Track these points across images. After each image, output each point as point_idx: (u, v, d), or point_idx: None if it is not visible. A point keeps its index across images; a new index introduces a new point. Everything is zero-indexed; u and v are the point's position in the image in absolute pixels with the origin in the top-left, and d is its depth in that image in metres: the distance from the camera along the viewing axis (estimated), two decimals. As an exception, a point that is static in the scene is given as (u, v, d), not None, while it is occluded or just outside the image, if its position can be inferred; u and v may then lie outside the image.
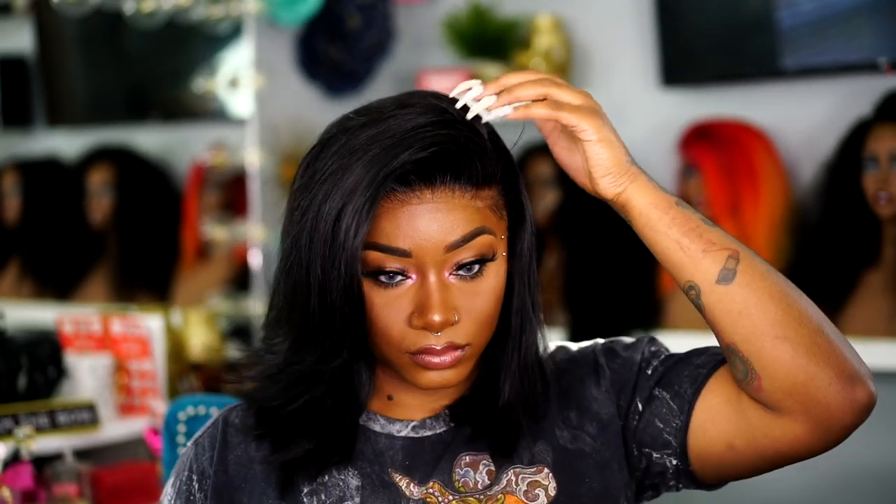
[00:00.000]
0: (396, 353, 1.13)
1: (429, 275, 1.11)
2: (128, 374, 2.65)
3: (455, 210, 1.11)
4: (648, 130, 2.93)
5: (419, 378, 1.14)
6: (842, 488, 2.64)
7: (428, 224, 1.10)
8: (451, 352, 1.12)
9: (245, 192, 3.10)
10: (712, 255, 1.14)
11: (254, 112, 3.05)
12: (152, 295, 3.37)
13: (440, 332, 1.11)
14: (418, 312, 1.11)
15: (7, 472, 2.19)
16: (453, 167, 1.11)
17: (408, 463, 1.18)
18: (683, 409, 1.18)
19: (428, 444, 1.19)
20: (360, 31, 3.21)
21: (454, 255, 1.11)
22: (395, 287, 1.11)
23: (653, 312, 2.84)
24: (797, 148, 2.74)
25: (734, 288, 1.15)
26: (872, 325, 2.55)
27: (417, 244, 1.10)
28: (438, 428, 1.20)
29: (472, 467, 1.18)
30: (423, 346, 1.11)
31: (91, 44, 3.69)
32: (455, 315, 1.11)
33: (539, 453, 1.20)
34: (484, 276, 1.13)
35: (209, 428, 1.23)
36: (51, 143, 3.76)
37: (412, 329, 1.11)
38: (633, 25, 2.95)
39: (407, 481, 1.17)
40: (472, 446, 1.19)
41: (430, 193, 1.10)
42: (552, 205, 2.92)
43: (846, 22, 2.62)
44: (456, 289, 1.12)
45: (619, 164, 1.15)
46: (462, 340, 1.12)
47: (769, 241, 2.69)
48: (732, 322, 1.15)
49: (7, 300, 3.51)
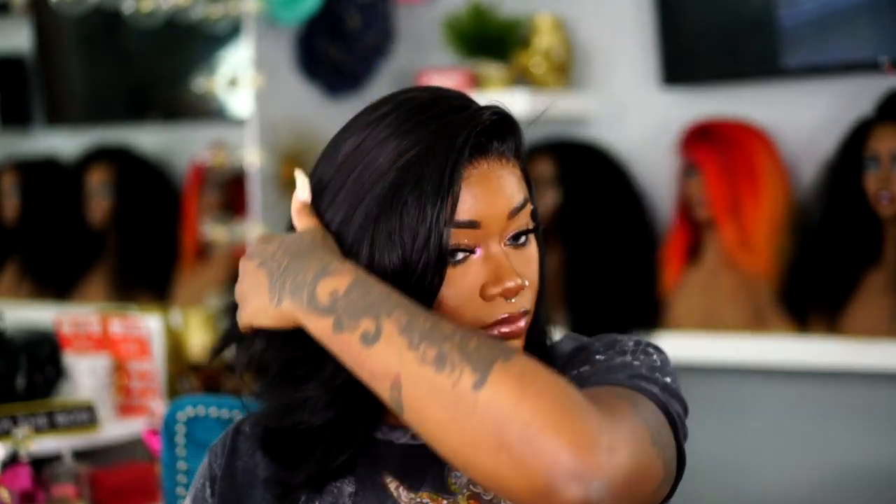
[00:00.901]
0: None
1: (491, 245, 1.12)
2: (127, 374, 2.65)
3: (508, 177, 1.13)
4: (648, 130, 2.92)
5: None
6: (841, 488, 2.63)
7: (492, 193, 1.12)
8: (521, 318, 1.13)
9: (245, 192, 3.10)
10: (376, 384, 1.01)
11: (253, 112, 3.04)
12: (151, 295, 3.37)
13: (514, 298, 1.12)
14: (493, 281, 1.11)
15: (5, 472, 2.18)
16: (501, 137, 1.13)
17: (402, 468, 1.17)
18: None
19: (424, 451, 1.14)
20: (360, 31, 3.20)
21: (513, 222, 1.13)
22: (463, 264, 1.11)
23: (653, 312, 2.84)
24: (798, 148, 2.74)
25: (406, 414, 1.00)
26: (873, 325, 2.55)
27: (484, 214, 1.11)
28: None
29: None
30: (501, 314, 1.12)
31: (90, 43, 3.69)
32: (525, 280, 1.13)
33: None
34: (529, 243, 1.16)
35: (222, 436, 1.24)
36: (50, 143, 3.76)
37: (486, 301, 1.11)
38: (633, 25, 2.94)
39: (396, 484, 1.16)
40: None
41: (486, 164, 1.12)
42: (552, 205, 2.91)
43: (847, 21, 2.61)
44: (514, 256, 1.13)
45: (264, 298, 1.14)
46: (528, 306, 1.14)
47: (770, 242, 2.69)
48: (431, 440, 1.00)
49: (6, 300, 3.51)
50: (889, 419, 2.61)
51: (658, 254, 2.86)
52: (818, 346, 2.60)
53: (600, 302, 2.85)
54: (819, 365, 2.63)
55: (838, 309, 2.59)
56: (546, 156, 2.94)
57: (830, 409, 2.67)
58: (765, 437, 2.76)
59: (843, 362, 2.58)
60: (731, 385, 2.80)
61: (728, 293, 2.76)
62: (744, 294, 2.74)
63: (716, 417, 2.79)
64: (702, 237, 2.81)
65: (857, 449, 2.63)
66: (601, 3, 3.00)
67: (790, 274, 2.67)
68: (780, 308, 2.68)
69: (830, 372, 2.64)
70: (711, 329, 2.77)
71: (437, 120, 1.12)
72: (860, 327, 2.57)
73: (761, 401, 2.77)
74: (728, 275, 2.76)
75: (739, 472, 2.76)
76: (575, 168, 2.93)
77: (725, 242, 2.74)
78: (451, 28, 3.00)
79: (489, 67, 2.94)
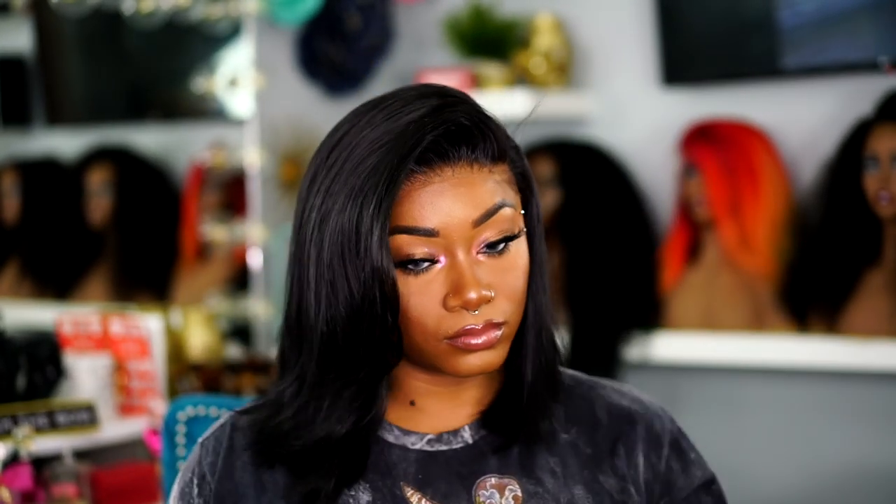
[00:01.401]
0: (434, 341, 1.11)
1: (457, 254, 1.09)
2: (127, 374, 2.65)
3: (476, 184, 1.10)
4: (648, 130, 2.92)
5: (459, 364, 1.11)
6: (842, 488, 2.63)
7: (453, 201, 1.09)
8: (490, 330, 1.10)
9: (245, 192, 3.10)
10: None
11: (253, 112, 3.05)
12: (152, 295, 3.37)
13: (477, 310, 1.09)
14: (453, 292, 1.09)
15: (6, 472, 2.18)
16: (470, 142, 1.10)
17: (420, 477, 1.15)
18: None
19: (443, 460, 1.16)
20: (360, 31, 3.20)
21: (481, 230, 1.10)
22: (425, 272, 1.10)
23: (653, 312, 2.84)
24: (798, 148, 2.74)
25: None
26: (873, 325, 2.55)
27: (444, 222, 1.09)
28: (455, 444, 1.17)
29: (498, 490, 1.15)
30: (462, 327, 1.09)
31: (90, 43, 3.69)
32: (490, 291, 1.10)
33: (578, 498, 1.17)
34: (510, 251, 1.12)
35: (215, 430, 1.20)
36: (50, 143, 3.76)
37: (449, 312, 1.09)
38: (633, 25, 2.94)
39: (419, 497, 1.14)
40: (497, 468, 1.16)
41: (451, 170, 1.10)
42: (552, 205, 2.91)
43: (847, 21, 2.61)
44: (486, 266, 1.11)
45: None
46: (499, 318, 1.11)
47: (769, 242, 2.69)
48: None
49: (6, 300, 3.51)
50: (889, 419, 2.61)
51: (658, 254, 2.86)
52: (818, 346, 2.60)
53: (600, 302, 2.85)
54: (819, 365, 2.63)
55: (838, 309, 2.59)
56: (546, 156, 2.94)
57: (830, 409, 2.67)
58: (765, 437, 2.76)
59: (842, 362, 2.58)
60: (731, 385, 2.80)
61: (728, 293, 2.76)
62: (744, 294, 2.74)
63: (715, 417, 2.80)
64: (702, 237, 2.81)
65: (857, 449, 2.63)
66: (601, 3, 3.00)
67: (790, 274, 2.67)
68: (780, 308, 2.68)
69: (830, 372, 2.65)
70: (711, 329, 2.77)
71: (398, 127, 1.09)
72: (860, 327, 2.57)
73: (761, 401, 2.77)
74: (728, 275, 2.76)
75: (739, 472, 2.76)
76: (575, 168, 2.93)
77: (725, 242, 2.74)
78: (450, 28, 3.00)
79: (489, 67, 2.94)
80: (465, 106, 1.12)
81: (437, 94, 1.12)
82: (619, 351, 2.81)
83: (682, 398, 2.81)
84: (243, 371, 2.77)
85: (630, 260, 2.87)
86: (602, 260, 2.87)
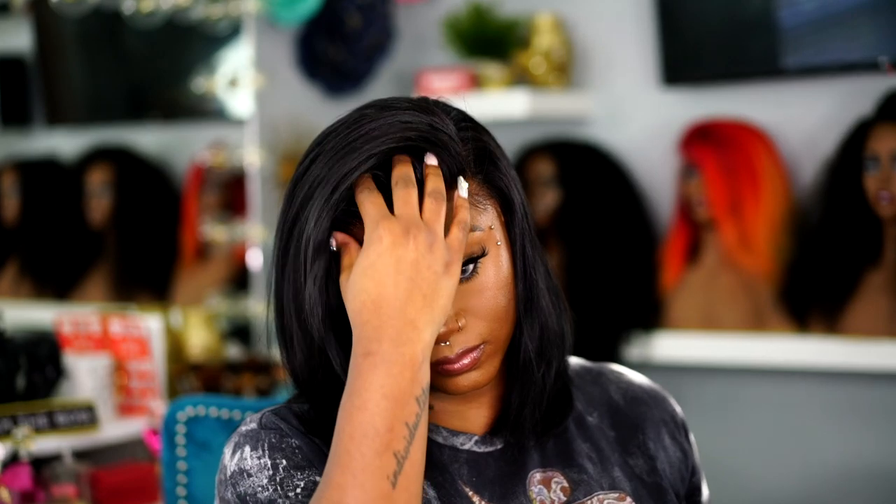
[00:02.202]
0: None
1: None
2: (127, 374, 2.65)
3: None
4: (648, 130, 2.92)
5: (449, 385, 1.10)
6: (841, 488, 2.63)
7: None
8: (467, 355, 1.08)
9: (245, 192, 3.10)
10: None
11: (253, 112, 3.05)
12: (152, 295, 3.37)
13: (447, 341, 1.07)
14: None
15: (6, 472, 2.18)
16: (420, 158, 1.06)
17: (474, 479, 1.13)
18: None
19: (492, 461, 1.15)
20: (360, 30, 3.20)
21: None
22: None
23: (653, 312, 2.84)
24: (798, 148, 2.74)
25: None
26: (873, 325, 2.55)
27: None
28: (498, 443, 1.16)
29: (545, 485, 1.15)
30: (437, 358, 1.08)
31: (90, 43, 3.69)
32: (459, 321, 1.07)
33: (619, 480, 1.17)
34: (480, 272, 1.08)
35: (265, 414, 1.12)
36: (50, 143, 3.76)
37: None
38: (633, 25, 2.94)
39: (478, 499, 1.12)
40: (538, 463, 1.16)
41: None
42: (552, 205, 2.91)
43: (847, 21, 2.61)
44: (458, 292, 1.07)
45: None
46: (475, 342, 1.08)
47: (769, 242, 2.69)
48: None
49: (6, 300, 3.51)
50: (889, 419, 2.61)
51: (658, 254, 2.86)
52: (818, 346, 2.60)
53: (600, 302, 2.85)
54: (819, 365, 2.63)
55: (838, 309, 2.59)
56: (546, 156, 2.94)
57: (830, 409, 2.67)
58: (764, 437, 2.76)
59: (842, 362, 2.58)
60: (731, 385, 2.80)
61: (728, 293, 2.76)
62: (744, 294, 2.74)
63: (715, 417, 2.80)
64: (702, 237, 2.81)
65: (857, 449, 2.63)
66: (601, 3, 3.00)
67: (790, 274, 2.67)
68: (780, 308, 2.68)
69: (830, 372, 2.65)
70: (711, 329, 2.77)
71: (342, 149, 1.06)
72: (860, 327, 2.57)
73: (761, 401, 2.77)
74: (728, 275, 2.76)
75: (738, 472, 2.76)
76: (575, 168, 2.93)
77: (725, 242, 2.74)
78: (451, 28, 3.00)
79: (489, 67, 2.94)
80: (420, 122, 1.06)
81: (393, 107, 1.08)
82: (620, 351, 2.81)
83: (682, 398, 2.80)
84: (243, 371, 2.78)
85: (630, 260, 2.87)
86: (602, 260, 2.87)
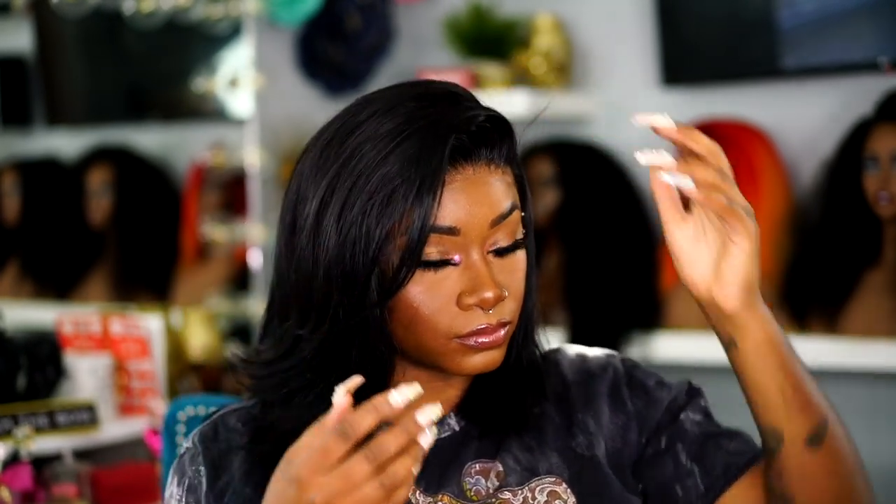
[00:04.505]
0: (443, 340, 1.11)
1: (472, 254, 1.09)
2: (127, 374, 2.65)
3: (494, 184, 1.11)
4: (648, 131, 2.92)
5: (464, 362, 1.12)
6: (842, 489, 2.63)
7: (474, 200, 1.09)
8: (500, 329, 1.11)
9: (245, 192, 3.10)
10: (808, 412, 1.13)
11: (254, 112, 3.05)
12: (152, 295, 3.37)
13: (492, 309, 1.10)
14: (470, 291, 1.09)
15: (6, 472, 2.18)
16: (489, 143, 1.11)
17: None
18: (710, 492, 1.19)
19: (434, 449, 1.14)
20: (360, 31, 3.20)
21: (496, 230, 1.10)
22: (441, 270, 1.09)
23: (653, 312, 2.84)
24: (797, 148, 2.74)
25: (817, 453, 1.13)
26: (873, 325, 2.55)
27: (465, 221, 1.09)
28: (443, 432, 1.18)
29: (483, 475, 1.16)
30: (476, 326, 1.10)
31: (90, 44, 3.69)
32: (505, 291, 1.11)
33: (556, 466, 1.18)
34: (516, 253, 1.13)
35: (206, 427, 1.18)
36: (50, 143, 3.76)
37: (462, 311, 1.09)
38: (633, 25, 2.94)
39: (412, 488, 1.12)
40: (480, 453, 1.18)
41: (472, 170, 1.10)
42: (552, 205, 2.91)
43: (847, 22, 2.61)
44: (496, 266, 1.11)
45: (755, 284, 1.11)
46: (508, 317, 1.12)
47: (769, 241, 2.69)
48: (801, 483, 1.14)
49: (6, 300, 3.51)
50: (889, 419, 2.61)
51: (658, 254, 2.86)
52: (818, 346, 2.60)
53: (600, 302, 2.85)
54: (818, 365, 2.62)
55: (838, 309, 2.59)
56: (546, 156, 2.94)
57: (830, 409, 2.66)
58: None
59: (842, 362, 2.58)
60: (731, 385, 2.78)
61: (728, 293, 2.76)
62: (743, 294, 2.74)
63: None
64: (701, 237, 2.81)
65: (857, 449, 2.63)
66: (601, 3, 3.00)
67: (790, 274, 2.67)
68: (780, 308, 2.68)
69: (830, 372, 2.64)
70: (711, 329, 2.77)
71: (425, 120, 1.09)
72: (859, 327, 2.57)
73: (761, 401, 2.77)
74: (728, 275, 2.76)
75: (739, 472, 2.76)
76: (575, 168, 2.93)
77: (725, 242, 2.74)
78: (451, 28, 3.00)
79: (489, 67, 2.94)
80: (484, 108, 1.12)
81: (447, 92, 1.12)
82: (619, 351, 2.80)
83: (682, 398, 2.81)
84: (243, 371, 2.77)
85: (630, 260, 2.87)
86: (602, 260, 2.87)
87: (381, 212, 1.07)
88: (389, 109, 1.10)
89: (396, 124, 1.09)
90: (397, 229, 1.07)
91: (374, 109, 1.11)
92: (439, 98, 1.11)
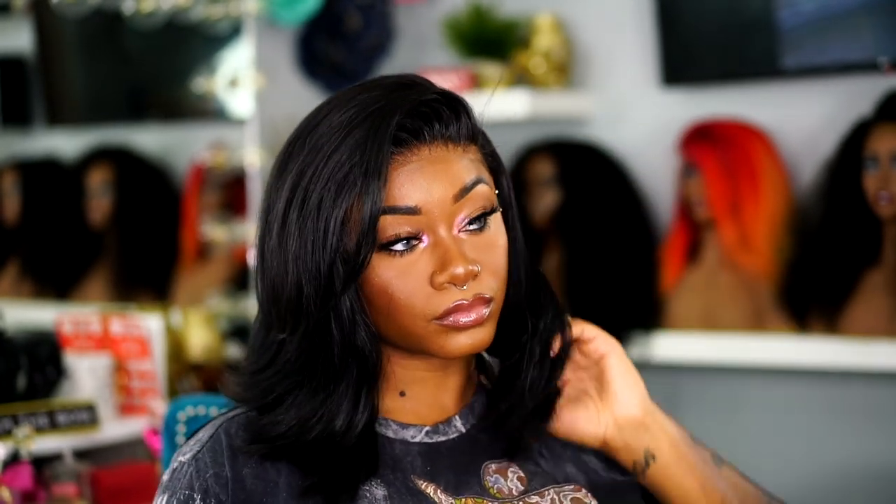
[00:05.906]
0: (422, 322, 1.11)
1: (439, 231, 1.10)
2: (127, 374, 2.65)
3: (453, 161, 1.12)
4: (648, 130, 2.93)
5: (449, 344, 1.12)
6: (842, 488, 2.63)
7: (432, 178, 1.10)
8: (480, 306, 1.11)
9: (245, 192, 3.10)
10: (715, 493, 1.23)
11: (253, 112, 3.05)
12: (152, 295, 3.37)
13: (465, 284, 1.10)
14: (440, 268, 1.09)
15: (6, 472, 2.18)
16: (445, 122, 1.12)
17: (429, 468, 1.15)
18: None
19: (445, 451, 1.16)
20: (360, 31, 3.21)
21: (460, 206, 1.11)
22: (409, 253, 1.10)
23: (653, 312, 2.84)
24: (797, 148, 2.74)
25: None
26: (873, 325, 2.55)
27: (424, 199, 1.09)
28: (451, 433, 1.18)
29: (501, 474, 1.17)
30: (451, 304, 1.10)
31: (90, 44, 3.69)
32: (476, 266, 1.10)
33: (572, 474, 1.20)
34: (490, 228, 1.13)
35: (207, 443, 1.15)
36: (50, 143, 3.76)
37: (437, 290, 1.10)
38: (633, 25, 2.94)
39: (434, 488, 1.13)
40: (491, 454, 1.18)
41: (428, 150, 1.11)
42: (552, 205, 2.91)
43: (847, 21, 2.61)
44: (469, 243, 1.11)
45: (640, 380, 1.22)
46: (487, 292, 1.11)
47: (769, 242, 2.69)
48: None
49: (6, 300, 3.51)
50: (889, 419, 2.61)
51: (658, 254, 2.86)
52: (818, 346, 2.60)
53: (600, 302, 2.85)
54: (818, 365, 2.63)
55: (838, 309, 2.59)
56: (546, 156, 2.94)
57: (830, 409, 2.67)
58: (764, 437, 2.76)
59: (842, 362, 2.58)
60: (731, 385, 2.80)
61: (728, 293, 2.76)
62: (743, 294, 2.74)
63: (715, 417, 2.80)
64: (701, 237, 2.81)
65: (857, 449, 2.63)
66: (601, 3, 3.00)
67: (790, 274, 2.67)
68: (780, 308, 2.68)
69: (830, 372, 2.65)
70: (711, 329, 2.77)
71: (374, 107, 1.10)
72: (859, 327, 2.57)
73: (761, 401, 2.77)
74: (728, 275, 2.76)
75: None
76: (575, 168, 2.93)
77: (725, 242, 2.74)
78: (450, 28, 3.00)
79: (489, 67, 2.94)
80: (437, 89, 1.13)
81: (401, 82, 1.14)
82: (619, 351, 2.80)
83: (682, 398, 2.82)
84: (243, 371, 2.77)
85: (630, 260, 2.87)
86: (602, 260, 2.87)
87: (335, 198, 1.08)
88: (345, 103, 1.13)
89: (349, 116, 1.11)
90: (352, 214, 1.08)
91: (332, 107, 1.14)
92: (393, 87, 1.13)
